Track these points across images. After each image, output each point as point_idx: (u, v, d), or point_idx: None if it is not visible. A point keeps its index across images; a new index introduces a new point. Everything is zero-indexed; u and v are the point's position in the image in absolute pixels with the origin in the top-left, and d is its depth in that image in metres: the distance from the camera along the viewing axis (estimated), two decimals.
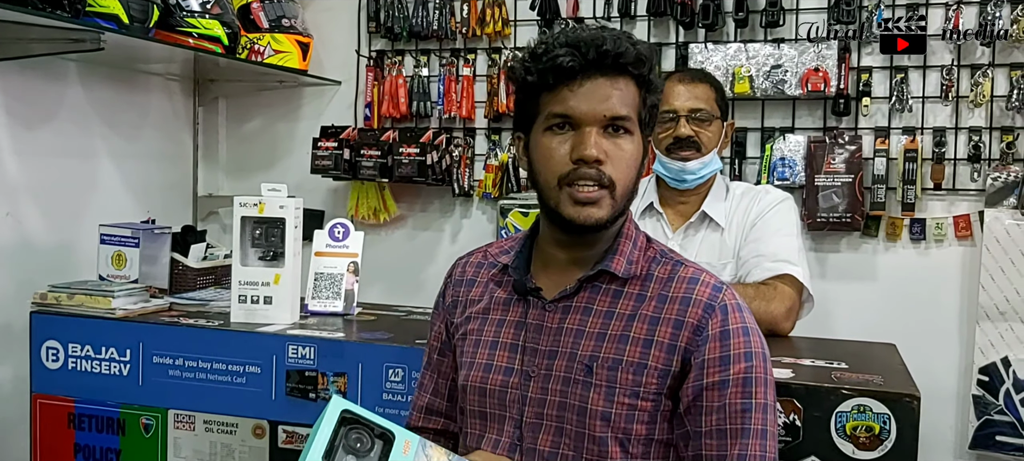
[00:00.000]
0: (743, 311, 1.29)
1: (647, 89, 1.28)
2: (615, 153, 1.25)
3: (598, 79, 1.24)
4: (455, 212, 3.12)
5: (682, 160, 2.17)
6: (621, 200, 1.27)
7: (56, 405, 2.08)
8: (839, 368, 1.71)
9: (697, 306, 1.26)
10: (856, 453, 1.57)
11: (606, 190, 1.25)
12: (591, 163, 1.24)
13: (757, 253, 2.11)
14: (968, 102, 2.58)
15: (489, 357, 1.34)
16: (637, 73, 1.26)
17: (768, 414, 1.25)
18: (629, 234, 1.34)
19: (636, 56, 1.25)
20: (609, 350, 1.26)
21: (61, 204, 2.63)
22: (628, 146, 1.27)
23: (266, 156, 3.26)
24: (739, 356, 1.25)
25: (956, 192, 2.62)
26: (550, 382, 1.29)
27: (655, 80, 1.29)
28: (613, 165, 1.25)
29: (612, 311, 1.29)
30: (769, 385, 1.27)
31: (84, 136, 2.73)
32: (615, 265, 1.30)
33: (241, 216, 2.07)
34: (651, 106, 1.30)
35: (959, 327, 2.65)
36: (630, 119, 1.26)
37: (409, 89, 3.05)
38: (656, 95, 1.31)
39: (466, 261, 1.48)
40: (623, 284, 1.30)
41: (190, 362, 1.97)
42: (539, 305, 1.32)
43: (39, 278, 2.27)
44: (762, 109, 2.74)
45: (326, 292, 2.20)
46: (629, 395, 1.25)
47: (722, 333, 1.25)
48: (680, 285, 1.29)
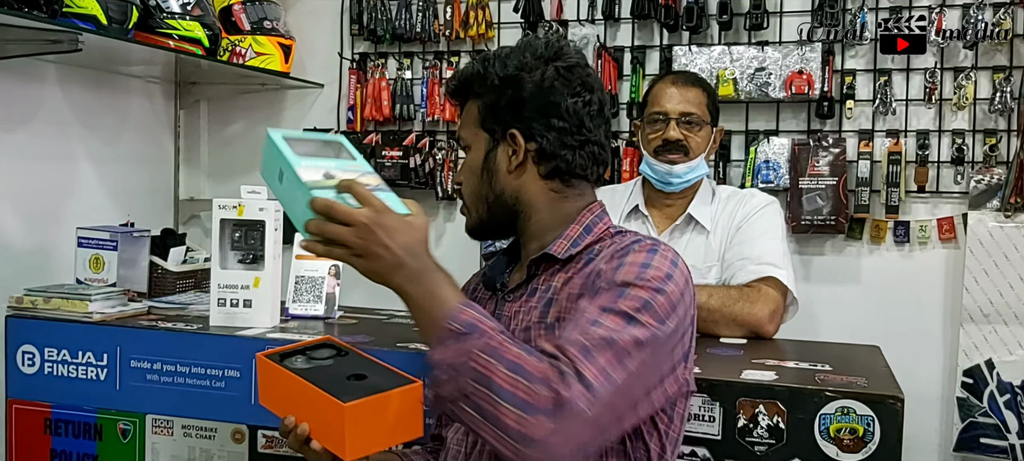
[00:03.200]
0: (655, 253, 1.27)
1: (483, 95, 1.38)
2: (464, 170, 1.42)
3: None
4: (439, 216, 3.10)
5: (669, 163, 2.16)
6: (473, 207, 1.41)
7: (32, 410, 2.04)
8: (823, 370, 1.70)
9: (608, 256, 1.30)
10: (840, 455, 1.56)
11: (463, 202, 1.43)
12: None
13: (742, 256, 2.11)
14: (951, 105, 2.58)
15: None
16: (471, 91, 1.40)
17: (627, 323, 1.18)
18: (582, 220, 1.39)
19: (460, 80, 1.41)
20: (532, 317, 1.33)
21: (39, 208, 2.59)
22: (469, 159, 1.40)
23: (248, 159, 3.23)
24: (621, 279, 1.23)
25: (940, 195, 2.63)
26: None
27: (489, 81, 1.37)
28: (463, 182, 1.42)
29: (550, 285, 1.35)
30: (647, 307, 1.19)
31: (63, 139, 2.70)
32: (556, 248, 1.36)
33: (220, 218, 2.04)
34: (493, 105, 1.37)
35: (943, 329, 2.65)
36: (462, 137, 1.42)
37: (392, 92, 3.03)
38: (499, 91, 1.36)
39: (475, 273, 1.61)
40: (564, 264, 1.36)
41: (168, 366, 1.94)
42: (503, 296, 1.41)
43: (15, 282, 2.23)
44: (746, 112, 2.74)
45: (307, 295, 2.18)
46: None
47: (617, 266, 1.25)
48: (609, 249, 1.33)
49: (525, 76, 1.35)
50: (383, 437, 1.28)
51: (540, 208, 1.39)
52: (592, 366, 1.12)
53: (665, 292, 1.22)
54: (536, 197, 1.38)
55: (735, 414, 1.58)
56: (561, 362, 1.12)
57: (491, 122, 1.37)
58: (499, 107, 1.36)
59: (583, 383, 1.10)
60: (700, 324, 1.95)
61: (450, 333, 1.15)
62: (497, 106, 1.36)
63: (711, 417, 1.60)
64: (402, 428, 1.28)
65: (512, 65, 1.35)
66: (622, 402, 1.17)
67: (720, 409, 1.59)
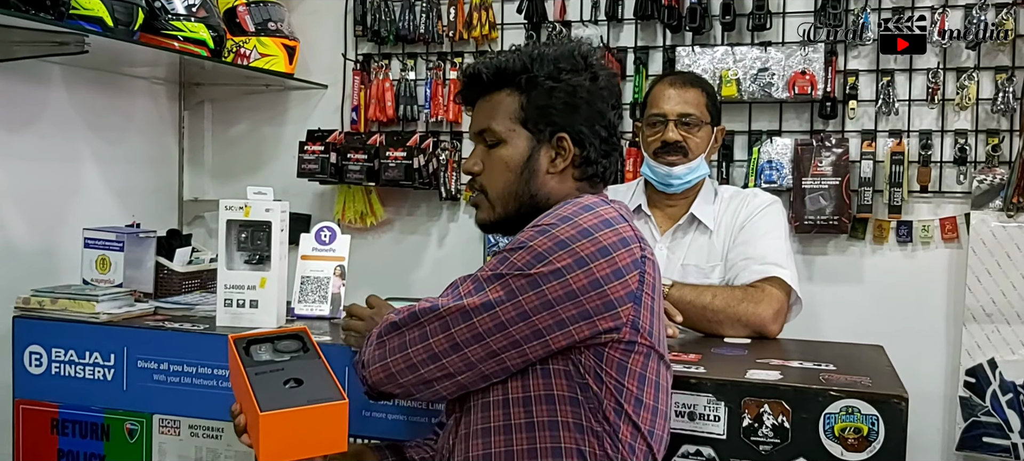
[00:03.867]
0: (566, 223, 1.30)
1: (527, 92, 1.39)
2: (488, 163, 1.43)
3: (479, 102, 1.45)
4: (442, 216, 3.11)
5: (669, 165, 2.17)
6: (499, 203, 1.42)
7: (39, 410, 2.05)
8: (827, 370, 1.71)
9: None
10: (845, 454, 1.57)
11: (483, 195, 1.44)
12: (470, 176, 1.47)
13: (745, 256, 2.11)
14: (954, 105, 2.59)
15: None
16: (506, 84, 1.40)
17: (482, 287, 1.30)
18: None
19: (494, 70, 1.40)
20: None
21: (44, 209, 2.60)
22: (501, 153, 1.41)
23: (252, 160, 3.25)
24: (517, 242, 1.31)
25: (942, 194, 2.63)
26: None
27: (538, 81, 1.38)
28: (486, 174, 1.43)
29: None
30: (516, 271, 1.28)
31: (68, 140, 2.71)
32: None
33: (227, 219, 2.05)
34: (543, 106, 1.39)
35: (946, 329, 2.65)
36: (493, 129, 1.41)
37: (396, 93, 3.04)
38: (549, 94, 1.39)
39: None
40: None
41: (175, 366, 1.95)
42: None
43: (21, 283, 2.24)
44: (749, 112, 2.75)
45: (312, 296, 2.19)
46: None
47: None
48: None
49: (577, 82, 1.39)
50: (301, 447, 1.33)
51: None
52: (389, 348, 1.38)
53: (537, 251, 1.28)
54: (558, 196, 1.41)
55: (740, 413, 1.59)
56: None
57: (539, 122, 1.39)
58: (550, 108, 1.38)
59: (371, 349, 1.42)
60: (704, 324, 1.96)
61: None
62: (548, 107, 1.38)
63: (716, 417, 1.61)
64: (323, 442, 1.33)
65: (563, 68, 1.38)
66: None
67: (725, 408, 1.60)
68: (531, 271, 1.27)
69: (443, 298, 1.33)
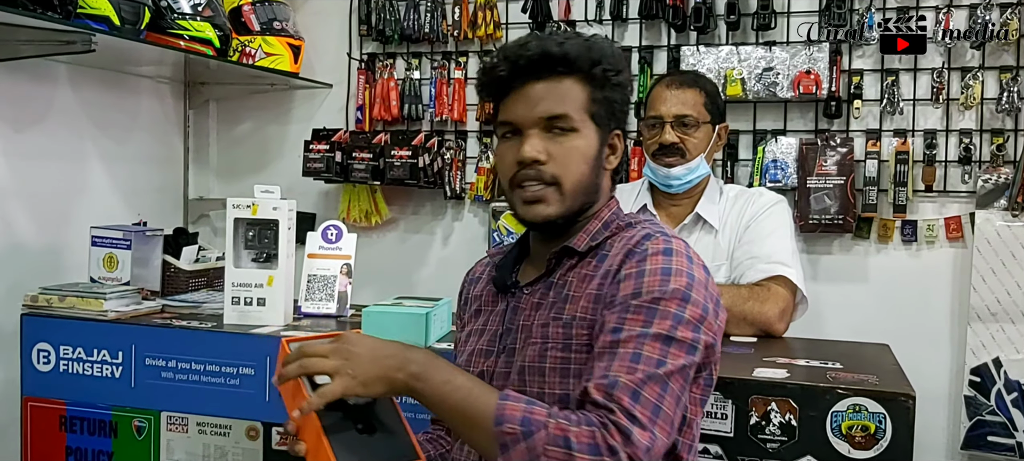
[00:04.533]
0: (671, 255, 1.27)
1: (597, 84, 1.33)
2: (558, 151, 1.31)
3: (534, 84, 1.30)
4: (447, 215, 3.11)
5: (667, 167, 2.18)
6: (571, 195, 1.33)
7: (47, 408, 2.06)
8: (834, 368, 1.71)
9: (622, 253, 1.30)
10: (852, 452, 1.58)
11: (551, 186, 1.31)
12: (529, 164, 1.30)
13: (751, 255, 2.12)
14: (958, 105, 2.59)
15: (475, 344, 1.42)
16: (574, 71, 1.31)
17: (667, 345, 1.21)
18: (601, 216, 1.39)
19: (564, 55, 1.30)
20: (551, 313, 1.32)
21: (50, 207, 2.61)
22: (575, 142, 1.31)
23: (257, 159, 3.25)
24: (649, 291, 1.24)
25: (947, 194, 2.63)
26: (512, 354, 1.35)
27: (605, 74, 1.33)
28: (556, 163, 1.31)
29: (567, 280, 1.35)
30: (682, 322, 1.23)
31: (74, 139, 2.71)
32: (577, 242, 1.36)
33: (234, 217, 2.06)
34: (608, 100, 1.34)
35: (950, 328, 2.66)
36: (570, 117, 1.31)
37: (400, 92, 3.04)
38: (615, 89, 1.35)
39: (479, 262, 1.58)
40: (582, 257, 1.36)
41: (183, 364, 1.96)
42: (518, 293, 1.40)
43: (28, 281, 2.25)
44: (754, 112, 2.75)
45: (319, 294, 2.20)
46: (561, 349, 1.29)
47: (637, 272, 1.26)
48: (620, 244, 1.33)
49: (629, 79, 1.38)
50: None
51: (600, 204, 1.39)
52: (644, 408, 1.17)
53: (691, 298, 1.25)
54: (604, 194, 1.40)
55: (747, 412, 1.60)
56: (617, 416, 1.15)
57: (605, 116, 1.35)
58: (614, 104, 1.35)
59: (640, 427, 1.15)
60: None
61: (510, 436, 1.16)
62: (612, 103, 1.35)
63: (723, 415, 1.61)
64: None
65: (621, 67, 1.35)
66: (670, 423, 1.20)
67: (732, 407, 1.61)
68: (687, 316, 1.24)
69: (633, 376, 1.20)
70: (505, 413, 1.17)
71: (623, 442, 1.14)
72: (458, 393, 1.20)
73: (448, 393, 1.20)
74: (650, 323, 1.22)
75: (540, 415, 1.17)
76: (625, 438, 1.14)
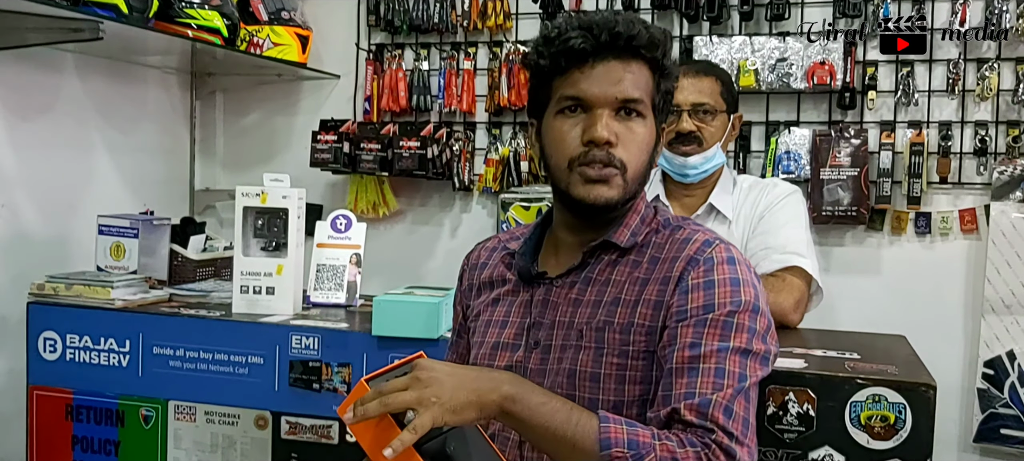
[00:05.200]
0: (735, 264, 1.25)
1: (661, 74, 1.29)
2: (627, 136, 1.26)
3: (611, 62, 1.24)
4: (455, 207, 3.09)
5: (683, 155, 2.15)
6: (632, 182, 1.28)
7: (54, 397, 2.04)
8: (851, 358, 1.69)
9: (683, 260, 1.26)
10: (870, 443, 1.55)
11: (618, 171, 1.26)
12: (602, 145, 1.24)
13: (765, 245, 2.09)
14: (974, 96, 2.56)
15: (497, 336, 1.36)
16: (650, 57, 1.27)
17: (745, 359, 1.20)
18: (638, 209, 1.35)
19: (649, 39, 1.25)
20: (601, 314, 1.27)
21: (57, 196, 2.59)
22: (640, 129, 1.27)
23: (264, 150, 3.23)
24: (722, 304, 1.21)
25: (962, 186, 2.61)
26: (549, 352, 1.30)
27: (669, 66, 1.29)
28: (624, 147, 1.25)
29: (610, 279, 1.30)
30: (756, 334, 1.22)
31: (80, 128, 2.69)
32: (618, 236, 1.31)
33: (243, 206, 2.04)
34: (665, 92, 1.31)
35: (964, 321, 2.63)
36: (642, 102, 1.26)
37: (409, 83, 3.02)
38: (670, 81, 1.31)
39: (482, 246, 1.51)
40: (624, 254, 1.31)
41: (191, 353, 1.94)
42: (545, 283, 1.34)
43: (34, 271, 2.23)
44: (767, 103, 2.73)
45: (328, 283, 2.18)
46: (618, 355, 1.25)
47: (706, 283, 1.23)
48: (673, 245, 1.29)
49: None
50: None
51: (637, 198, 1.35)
52: (737, 424, 1.17)
53: (760, 309, 1.24)
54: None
55: (765, 401, 1.57)
56: (718, 436, 1.15)
57: (662, 107, 1.31)
58: (669, 94, 1.32)
59: (739, 443, 1.16)
60: None
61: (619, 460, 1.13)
62: (668, 94, 1.31)
63: None
64: None
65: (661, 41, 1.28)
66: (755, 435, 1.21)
67: None
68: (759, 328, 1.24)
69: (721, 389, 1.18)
70: (611, 437, 1.13)
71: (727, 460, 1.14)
72: (558, 415, 1.15)
73: (547, 415, 1.15)
74: (728, 337, 1.20)
75: (645, 438, 1.14)
76: (729, 457, 1.14)
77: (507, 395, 1.14)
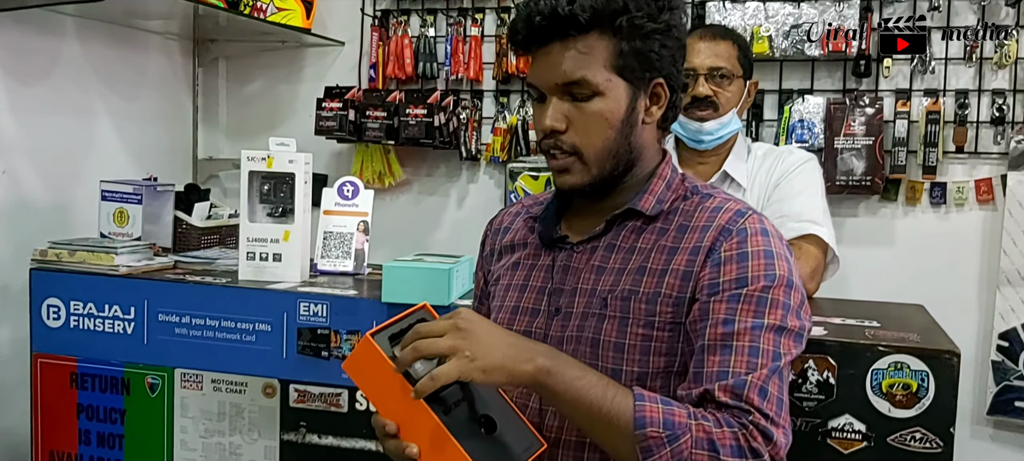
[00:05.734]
0: (768, 236, 1.21)
1: (624, 36, 1.20)
2: (578, 118, 1.22)
3: (554, 45, 1.21)
4: (462, 176, 3.04)
5: (699, 120, 2.11)
6: (597, 163, 1.24)
7: (58, 364, 2.01)
8: (871, 326, 1.66)
9: (715, 230, 1.22)
10: (892, 411, 1.53)
11: (573, 156, 1.23)
12: (549, 134, 1.23)
13: (781, 213, 2.05)
14: (992, 64, 2.52)
15: (517, 300, 1.33)
16: (594, 27, 1.19)
17: (780, 336, 1.16)
18: (663, 175, 1.30)
19: (593, 9, 1.18)
20: (625, 283, 1.23)
21: (58, 164, 2.55)
22: (597, 106, 1.22)
23: (267, 118, 3.18)
24: (756, 278, 1.17)
25: (978, 155, 2.56)
26: (570, 319, 1.26)
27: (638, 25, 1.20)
28: (577, 131, 1.22)
29: (634, 247, 1.26)
30: (791, 310, 1.18)
31: (81, 94, 2.65)
32: (643, 204, 1.27)
33: (249, 171, 2.00)
34: (642, 51, 1.21)
35: (978, 292, 2.60)
36: (588, 81, 1.20)
37: (415, 50, 2.97)
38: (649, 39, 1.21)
39: (505, 211, 1.48)
40: (649, 221, 1.27)
41: (198, 320, 1.91)
42: (567, 248, 1.30)
43: (35, 238, 2.19)
44: (780, 70, 2.68)
45: (336, 251, 2.14)
46: (643, 325, 1.21)
47: (739, 255, 1.19)
48: (702, 214, 1.25)
49: (674, 21, 1.24)
50: None
51: (646, 160, 1.29)
52: (772, 404, 1.13)
53: (793, 283, 1.20)
54: (648, 148, 1.29)
55: None
56: (755, 417, 1.11)
57: (638, 69, 1.22)
58: (650, 53, 1.22)
59: (776, 425, 1.12)
60: None
61: (654, 440, 1.09)
62: (648, 53, 1.22)
63: None
64: None
65: (661, 6, 1.22)
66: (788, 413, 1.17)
67: None
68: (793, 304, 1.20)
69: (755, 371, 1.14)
70: (646, 416, 1.10)
71: (765, 443, 1.11)
72: (593, 390, 1.12)
73: (582, 389, 1.12)
74: (763, 314, 1.16)
75: (681, 417, 1.11)
76: (766, 439, 1.11)
77: (542, 367, 1.12)
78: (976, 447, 2.61)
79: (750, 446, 1.09)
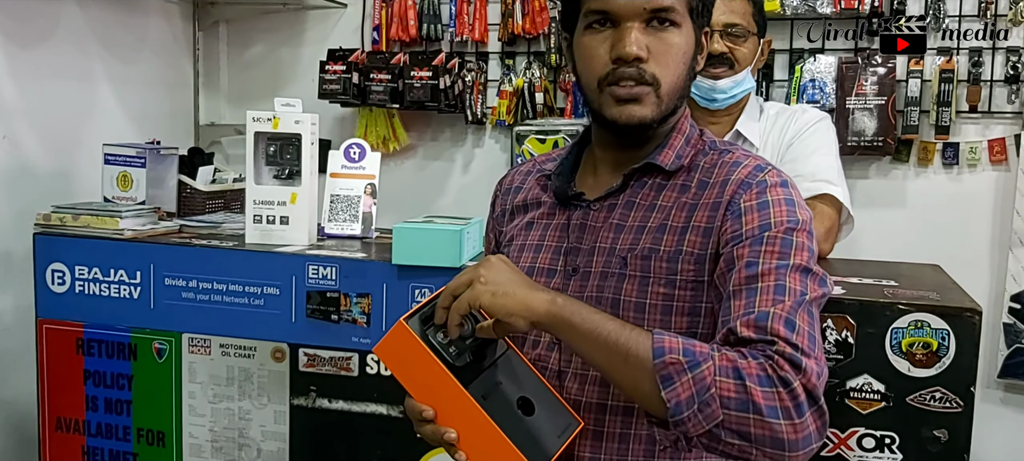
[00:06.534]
0: (788, 187, 1.19)
1: None
2: (659, 48, 1.17)
3: None
4: (467, 141, 3.01)
5: (714, 78, 2.07)
6: (668, 98, 1.19)
7: (64, 330, 1.98)
8: (890, 285, 1.63)
9: (734, 184, 1.18)
10: (912, 371, 1.50)
11: (650, 87, 1.17)
12: (631, 62, 1.16)
13: (795, 173, 2.00)
14: (1006, 21, 2.48)
15: (532, 260, 1.29)
16: None
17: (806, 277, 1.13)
18: (682, 129, 1.26)
19: None
20: (646, 241, 1.20)
21: (59, 128, 2.51)
22: (675, 39, 1.18)
23: (269, 83, 3.14)
24: (779, 222, 1.15)
25: (992, 115, 2.53)
26: (588, 279, 1.23)
27: None
28: (657, 61, 1.17)
29: (654, 204, 1.22)
30: (815, 256, 1.16)
31: (82, 58, 2.60)
32: (663, 158, 1.23)
33: (255, 132, 1.96)
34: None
35: (990, 254, 2.58)
36: (675, 10, 1.17)
37: (418, 11, 2.92)
38: None
39: (516, 170, 1.44)
40: (669, 177, 1.23)
41: (205, 284, 1.88)
42: (583, 206, 1.27)
43: (37, 204, 2.16)
44: (791, 28, 2.64)
45: (343, 215, 2.11)
46: (665, 284, 1.18)
47: (759, 204, 1.16)
48: (722, 168, 1.22)
49: None
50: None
51: (680, 115, 1.26)
52: (802, 337, 1.07)
53: (813, 233, 1.18)
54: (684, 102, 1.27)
55: None
56: (781, 346, 1.05)
57: (701, 11, 1.21)
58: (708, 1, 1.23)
59: (805, 355, 1.05)
60: None
61: (674, 366, 1.05)
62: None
63: None
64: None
65: None
66: (822, 352, 1.11)
67: None
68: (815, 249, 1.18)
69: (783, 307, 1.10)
70: (665, 345, 1.06)
71: (794, 371, 1.04)
72: (609, 323, 1.09)
73: (598, 323, 1.09)
74: (788, 255, 1.13)
75: (703, 347, 1.07)
76: (795, 367, 1.04)
77: (557, 301, 1.10)
78: (987, 410, 2.59)
79: (778, 375, 1.04)
